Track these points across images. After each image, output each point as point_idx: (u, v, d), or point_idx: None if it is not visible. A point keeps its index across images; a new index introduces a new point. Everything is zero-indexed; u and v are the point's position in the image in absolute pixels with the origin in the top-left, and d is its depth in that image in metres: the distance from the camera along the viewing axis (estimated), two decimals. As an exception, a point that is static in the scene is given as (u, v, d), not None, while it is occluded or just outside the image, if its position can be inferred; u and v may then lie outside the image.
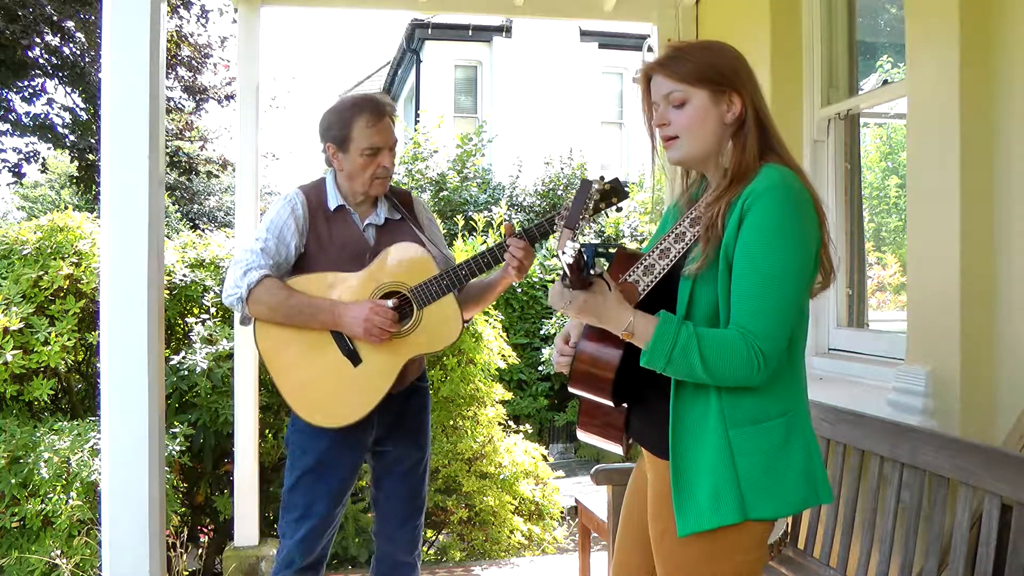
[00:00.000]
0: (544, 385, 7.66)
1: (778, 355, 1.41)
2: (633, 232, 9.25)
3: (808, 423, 1.52)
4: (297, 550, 2.22)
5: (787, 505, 1.47)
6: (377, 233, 2.26)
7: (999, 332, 2.17)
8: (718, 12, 3.59)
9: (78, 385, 3.78)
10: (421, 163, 9.93)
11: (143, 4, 1.85)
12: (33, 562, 2.88)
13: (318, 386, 2.16)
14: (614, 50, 13.37)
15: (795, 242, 1.41)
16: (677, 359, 1.40)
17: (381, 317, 2.08)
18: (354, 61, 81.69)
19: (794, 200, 1.41)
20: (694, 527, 1.45)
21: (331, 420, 2.16)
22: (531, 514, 4.43)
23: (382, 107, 2.21)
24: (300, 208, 2.21)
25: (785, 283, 1.40)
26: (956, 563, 1.87)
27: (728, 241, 1.44)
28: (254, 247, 2.16)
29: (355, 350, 2.15)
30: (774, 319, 1.40)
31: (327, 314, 2.11)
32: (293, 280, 2.16)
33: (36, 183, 21.73)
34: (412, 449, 2.35)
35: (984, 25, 2.17)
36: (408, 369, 2.22)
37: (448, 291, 2.15)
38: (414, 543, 2.39)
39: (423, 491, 2.40)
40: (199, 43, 10.02)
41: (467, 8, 5.58)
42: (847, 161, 3.04)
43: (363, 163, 2.18)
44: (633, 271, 1.54)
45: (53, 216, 3.62)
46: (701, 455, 1.46)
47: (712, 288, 1.46)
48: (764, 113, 1.50)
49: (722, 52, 1.52)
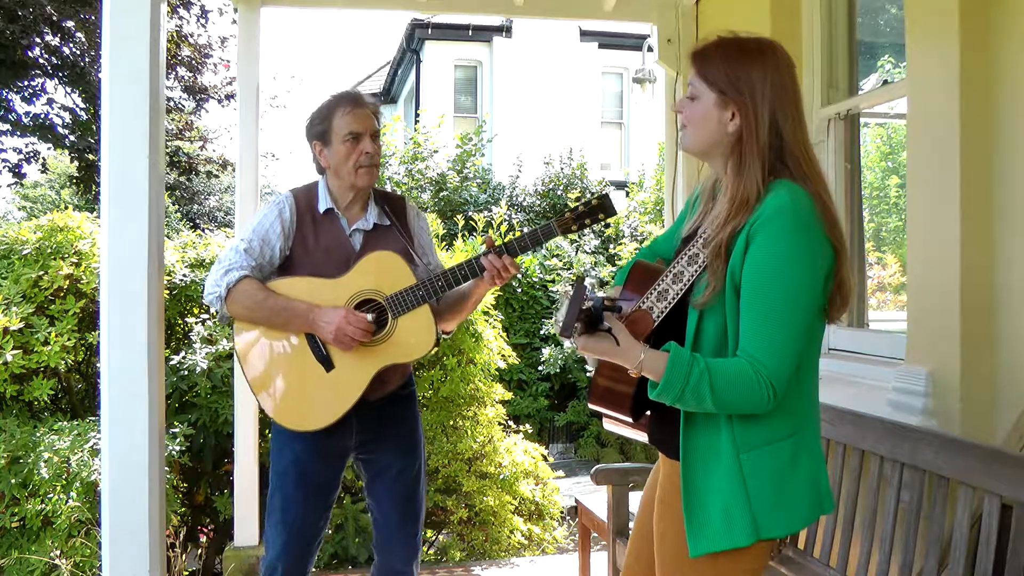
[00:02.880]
0: (544, 385, 7.65)
1: (787, 383, 1.40)
2: (633, 232, 9.24)
3: (815, 438, 1.51)
4: (280, 559, 2.22)
5: (796, 521, 1.47)
6: (364, 238, 2.26)
7: (999, 332, 2.17)
8: (718, 12, 3.59)
9: (78, 385, 3.78)
10: (421, 163, 9.92)
11: (143, 4, 1.85)
12: (33, 562, 2.88)
13: (290, 389, 2.17)
14: (614, 50, 13.37)
15: (802, 272, 1.39)
16: (688, 396, 1.40)
17: (353, 326, 2.08)
18: (354, 61, 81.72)
19: (802, 225, 1.39)
20: (706, 548, 1.45)
21: (300, 424, 2.16)
22: (531, 514, 4.43)
23: (359, 97, 2.24)
24: (288, 211, 2.22)
25: (794, 312, 1.39)
26: (956, 563, 1.87)
27: (735, 266, 1.42)
28: (238, 247, 2.18)
29: (328, 356, 2.14)
30: (783, 349, 1.39)
31: (302, 317, 2.11)
32: (274, 283, 2.17)
33: (36, 183, 21.72)
34: (399, 456, 2.32)
35: (984, 25, 2.17)
36: (386, 377, 2.21)
37: (423, 301, 2.15)
38: (411, 552, 2.36)
39: (417, 498, 2.36)
40: (199, 43, 10.01)
41: (467, 8, 5.58)
42: (847, 161, 3.05)
43: (345, 151, 2.19)
44: (647, 297, 1.54)
45: (53, 216, 3.62)
46: (713, 478, 1.46)
47: (720, 316, 1.45)
48: (786, 130, 1.46)
49: (750, 61, 1.47)
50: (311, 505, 2.24)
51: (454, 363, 4.15)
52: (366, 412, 2.21)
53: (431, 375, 4.11)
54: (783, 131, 1.46)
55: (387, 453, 2.32)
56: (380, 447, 2.31)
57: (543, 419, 7.65)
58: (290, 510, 2.22)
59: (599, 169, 12.29)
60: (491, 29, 12.97)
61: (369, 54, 72.08)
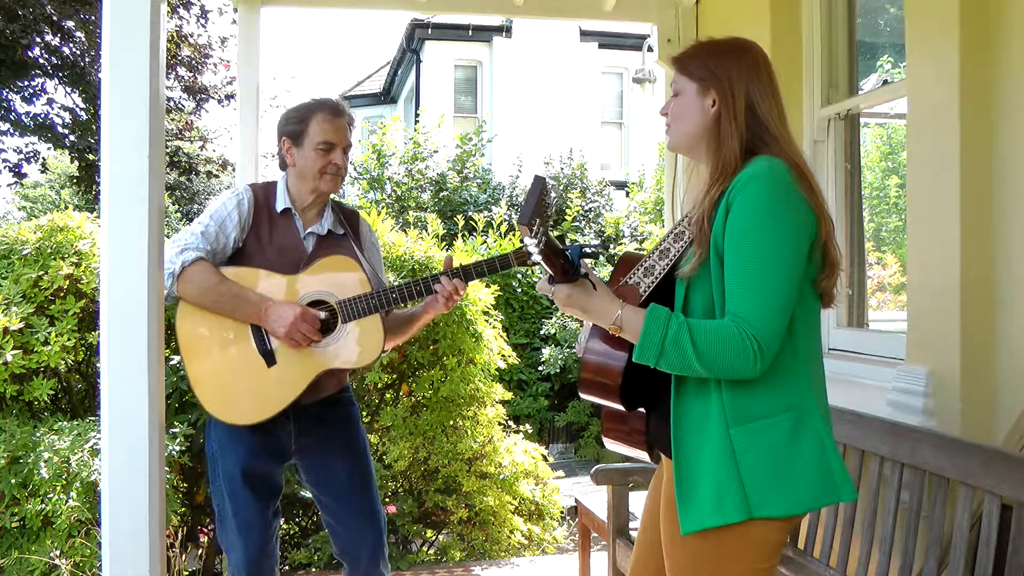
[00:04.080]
0: (544, 385, 7.66)
1: (775, 342, 1.39)
2: (633, 232, 9.25)
3: (819, 418, 1.48)
4: (244, 566, 2.17)
5: (799, 503, 1.43)
6: (317, 242, 2.25)
7: (999, 332, 2.17)
8: (718, 12, 3.59)
9: (78, 385, 3.78)
10: (421, 163, 9.93)
11: (143, 4, 1.85)
12: (33, 562, 2.88)
13: (225, 379, 2.13)
14: (614, 50, 13.38)
15: (781, 227, 1.40)
16: (669, 351, 1.39)
17: (308, 324, 2.07)
18: (354, 61, 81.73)
19: (779, 187, 1.42)
20: (696, 525, 1.44)
21: (228, 415, 2.12)
22: (531, 514, 4.43)
23: (341, 108, 2.24)
24: (246, 204, 2.21)
25: (774, 268, 1.39)
26: (956, 563, 1.87)
27: (717, 233, 1.44)
28: (195, 230, 2.16)
29: (272, 351, 2.13)
30: (766, 305, 1.38)
31: (254, 307, 2.10)
32: (227, 269, 2.15)
33: (36, 183, 21.73)
34: (340, 459, 2.28)
35: (984, 25, 2.17)
36: (324, 381, 2.19)
37: (375, 311, 2.14)
38: (378, 552, 2.28)
39: (372, 497, 2.30)
40: (199, 43, 10.02)
41: (467, 8, 5.58)
42: (847, 161, 3.05)
43: (314, 157, 2.19)
44: (634, 273, 1.55)
45: (53, 216, 3.62)
46: (703, 454, 1.45)
47: (707, 287, 1.46)
48: (761, 108, 1.51)
49: (725, 51, 1.56)
50: (262, 506, 2.20)
51: (454, 363, 4.15)
52: (303, 415, 2.19)
53: (431, 375, 4.12)
54: (759, 109, 1.51)
55: (331, 457, 2.27)
56: (322, 451, 2.27)
57: (543, 419, 7.65)
58: (242, 514, 2.17)
59: (599, 169, 12.30)
60: (491, 29, 12.97)
61: (369, 54, 72.09)
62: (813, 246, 1.46)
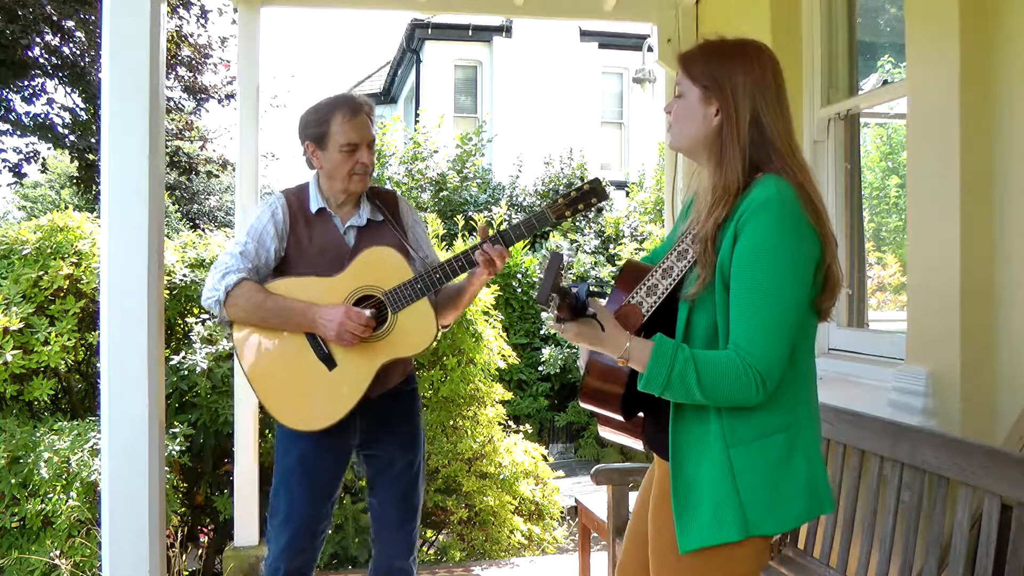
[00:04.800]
0: (544, 385, 7.65)
1: (777, 373, 1.40)
2: (633, 232, 9.24)
3: (813, 436, 1.50)
4: (282, 558, 2.22)
5: (789, 520, 1.47)
6: (358, 235, 2.27)
7: (999, 332, 2.17)
8: (718, 12, 3.59)
9: (78, 385, 3.78)
10: (421, 163, 9.92)
11: (143, 4, 1.85)
12: (33, 562, 2.88)
13: (293, 389, 2.17)
14: (614, 50, 13.37)
15: (790, 259, 1.40)
16: (674, 384, 1.40)
17: (354, 322, 2.08)
18: (354, 61, 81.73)
19: (789, 216, 1.40)
20: (695, 544, 1.45)
21: (305, 424, 2.16)
22: (531, 514, 4.43)
23: (359, 104, 2.24)
24: (280, 212, 2.23)
25: (780, 299, 1.39)
26: (956, 563, 1.87)
27: (723, 259, 1.43)
28: (234, 251, 2.19)
29: (330, 354, 2.15)
30: (771, 340, 1.39)
31: (302, 316, 2.12)
32: (272, 284, 2.17)
33: (36, 183, 21.73)
34: (401, 452, 2.34)
35: (984, 25, 2.17)
36: (388, 373, 2.21)
37: (422, 295, 2.15)
38: (409, 547, 2.38)
39: (416, 494, 2.38)
40: (199, 43, 10.02)
41: (467, 8, 5.58)
42: (847, 161, 3.04)
43: (341, 159, 2.19)
44: (636, 292, 1.54)
45: (53, 216, 3.62)
46: (702, 472, 1.45)
47: (710, 310, 1.46)
48: (766, 121, 1.47)
49: (731, 59, 1.50)
50: (315, 504, 2.25)
51: (454, 363, 4.16)
52: (369, 410, 2.21)
53: (431, 375, 4.12)
54: (765, 124, 1.47)
55: (390, 450, 2.32)
56: (383, 444, 2.32)
57: (543, 419, 7.65)
58: (295, 509, 2.23)
59: (599, 169, 12.30)
60: (491, 29, 12.97)
61: (369, 54, 72.09)
62: (817, 268, 1.45)
